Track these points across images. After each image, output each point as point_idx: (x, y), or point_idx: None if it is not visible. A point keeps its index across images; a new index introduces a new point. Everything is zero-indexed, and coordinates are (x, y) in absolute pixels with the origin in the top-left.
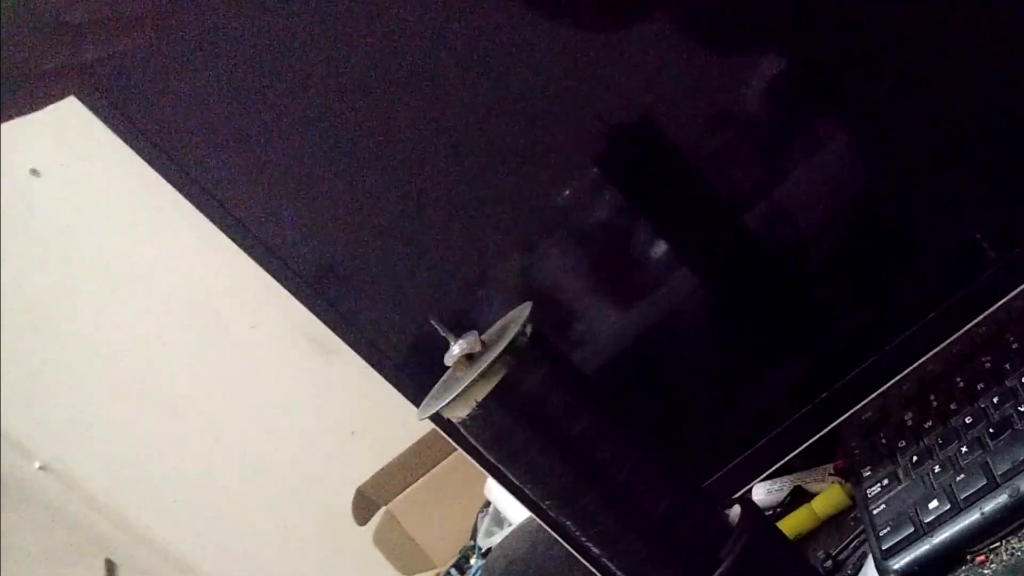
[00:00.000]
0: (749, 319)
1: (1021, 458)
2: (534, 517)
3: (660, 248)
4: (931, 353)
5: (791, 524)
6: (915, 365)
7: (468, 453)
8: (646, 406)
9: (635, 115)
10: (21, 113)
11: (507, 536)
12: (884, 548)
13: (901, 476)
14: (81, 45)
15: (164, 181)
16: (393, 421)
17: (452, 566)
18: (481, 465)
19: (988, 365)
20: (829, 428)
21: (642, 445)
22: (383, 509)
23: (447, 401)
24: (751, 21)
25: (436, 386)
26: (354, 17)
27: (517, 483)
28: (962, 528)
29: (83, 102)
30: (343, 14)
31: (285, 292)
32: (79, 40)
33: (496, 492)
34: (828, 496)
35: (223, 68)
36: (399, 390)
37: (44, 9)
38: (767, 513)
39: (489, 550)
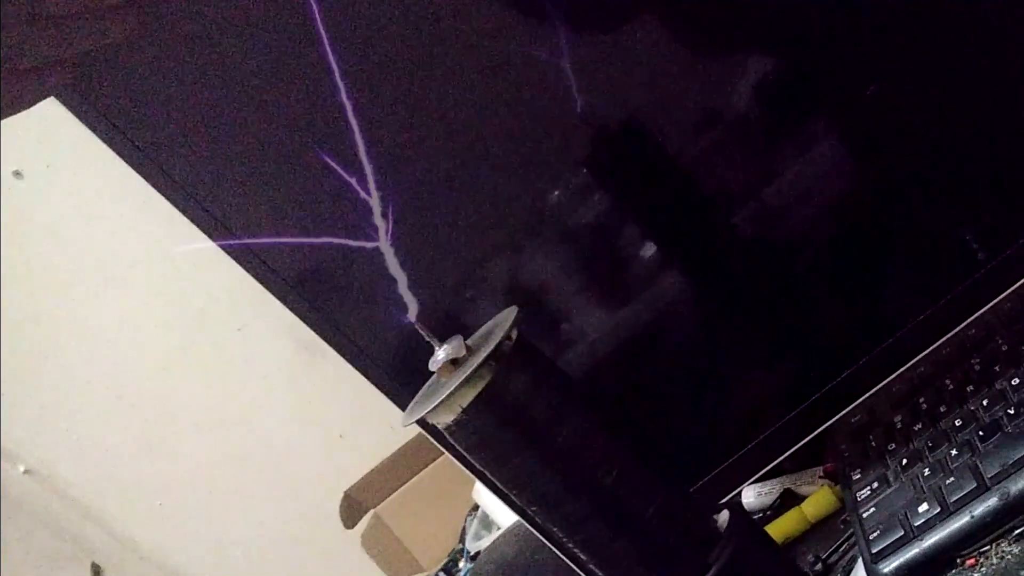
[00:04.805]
0: (738, 321)
1: (1011, 460)
2: (522, 521)
3: (648, 250)
4: (921, 355)
5: (781, 527)
6: (905, 368)
7: (455, 458)
8: (633, 410)
9: (623, 116)
10: (3, 115)
11: (495, 540)
12: (874, 551)
13: (891, 479)
14: (62, 38)
15: (147, 183)
16: (381, 424)
17: (440, 569)
18: (468, 470)
19: (977, 367)
20: (819, 431)
21: (629, 450)
22: (371, 512)
23: (432, 407)
24: (741, 22)
25: (421, 391)
26: (341, 16)
27: (503, 488)
28: (952, 531)
29: (64, 103)
30: (329, 12)
31: (271, 295)
32: (60, 33)
33: (484, 496)
34: (818, 499)
35: (204, 68)
36: (385, 394)
37: (23, 1)
38: (757, 516)
39: (478, 554)
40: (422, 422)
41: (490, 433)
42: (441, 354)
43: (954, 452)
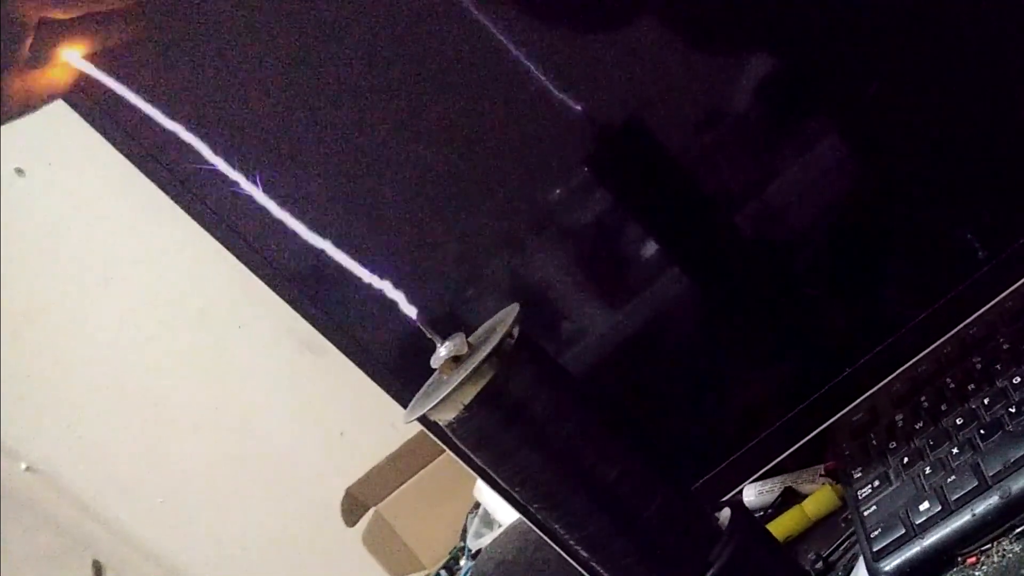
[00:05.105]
0: (739, 320)
1: (1012, 459)
2: (523, 519)
3: (649, 248)
4: (922, 354)
5: (782, 525)
6: (906, 366)
7: (456, 455)
8: (635, 408)
9: (624, 115)
10: (13, 117)
11: (496, 538)
12: (875, 550)
13: (892, 477)
14: (69, 40)
15: (150, 181)
16: (382, 422)
17: (441, 567)
18: (469, 467)
19: (979, 366)
20: (820, 429)
21: (631, 447)
22: (372, 510)
23: (434, 404)
24: (741, 20)
25: (423, 388)
26: (344, 14)
27: (505, 486)
28: (953, 530)
29: (69, 103)
30: (333, 11)
31: (272, 293)
32: (66, 35)
33: (486, 493)
34: (819, 497)
35: (208, 66)
36: (387, 391)
37: (29, 5)
38: (758, 514)
39: (478, 552)
40: (424, 419)
41: (492, 430)
42: (443, 351)
43: (955, 451)
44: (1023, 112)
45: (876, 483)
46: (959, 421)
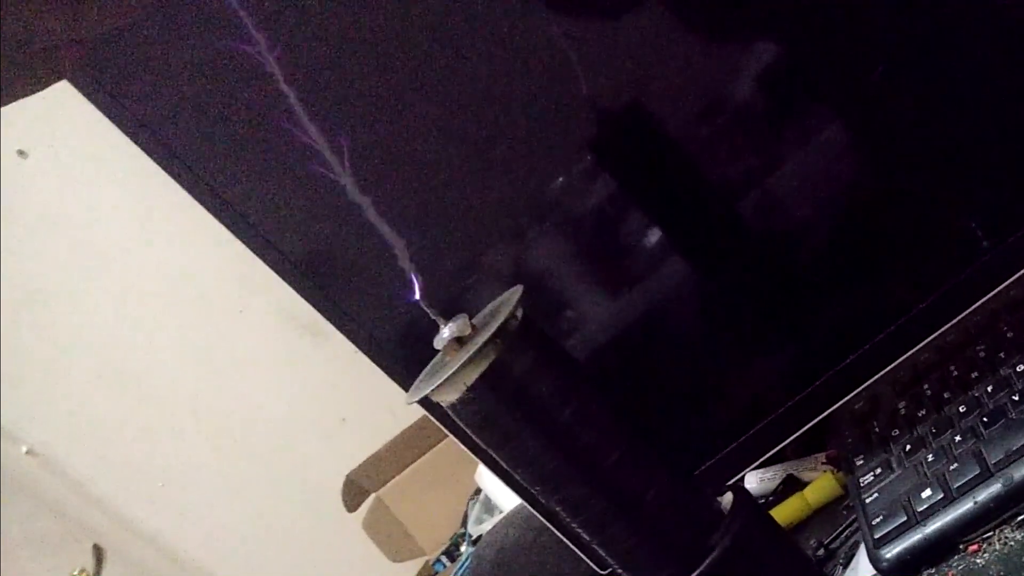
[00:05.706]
0: (742, 306)
1: (1015, 447)
2: (525, 504)
3: (652, 234)
4: (925, 342)
5: (783, 513)
6: (909, 354)
7: (457, 438)
8: (638, 392)
9: (627, 102)
10: (16, 96)
11: (497, 523)
12: (876, 537)
13: (894, 465)
14: (75, 18)
15: (153, 163)
16: (383, 407)
17: (442, 553)
18: (471, 450)
19: (982, 354)
20: (822, 416)
21: (633, 431)
22: (373, 496)
23: (436, 385)
24: (746, 7)
25: (425, 370)
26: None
27: (507, 468)
28: (955, 517)
29: (75, 84)
30: None
31: (273, 276)
32: (73, 13)
33: (487, 479)
34: (820, 485)
35: (214, 50)
36: (389, 375)
37: None
38: (759, 502)
39: (479, 537)
40: (426, 401)
41: (494, 412)
42: (446, 332)
43: (958, 438)
44: None
45: (878, 471)
46: (962, 409)
